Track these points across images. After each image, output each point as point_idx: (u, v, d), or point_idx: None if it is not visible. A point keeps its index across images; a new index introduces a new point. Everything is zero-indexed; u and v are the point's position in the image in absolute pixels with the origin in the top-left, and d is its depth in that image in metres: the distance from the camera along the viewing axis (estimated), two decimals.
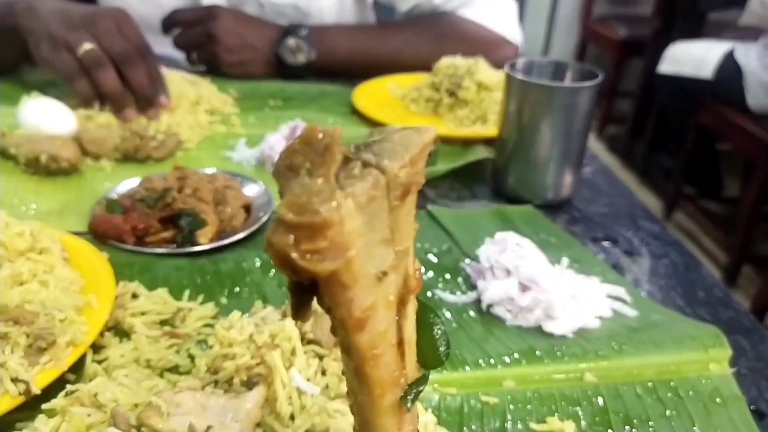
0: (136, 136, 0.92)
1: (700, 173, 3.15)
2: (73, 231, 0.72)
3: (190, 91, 1.08)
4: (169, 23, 1.29)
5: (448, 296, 0.70)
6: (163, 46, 1.33)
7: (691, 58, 2.80)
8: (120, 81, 0.99)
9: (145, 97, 1.01)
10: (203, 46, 1.28)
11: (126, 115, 0.99)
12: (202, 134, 1.04)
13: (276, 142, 0.97)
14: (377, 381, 0.29)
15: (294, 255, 0.23)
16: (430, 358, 0.31)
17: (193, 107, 1.07)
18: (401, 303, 0.29)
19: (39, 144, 0.86)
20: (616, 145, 3.92)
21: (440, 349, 0.31)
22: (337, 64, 1.34)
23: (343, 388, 0.52)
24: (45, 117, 0.91)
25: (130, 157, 0.92)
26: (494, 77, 1.16)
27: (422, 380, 0.31)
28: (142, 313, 0.62)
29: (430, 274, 0.74)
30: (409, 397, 0.30)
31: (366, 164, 0.26)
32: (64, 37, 0.99)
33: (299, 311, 0.28)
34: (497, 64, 1.20)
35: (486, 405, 0.55)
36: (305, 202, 0.24)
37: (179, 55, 1.35)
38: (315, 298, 0.28)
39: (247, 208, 0.81)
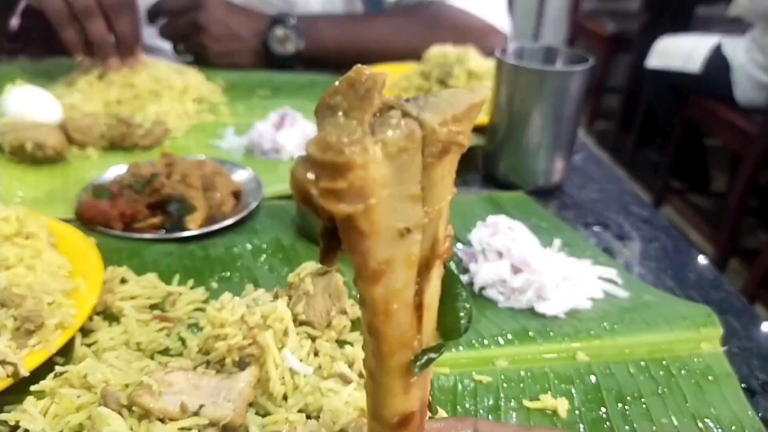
0: (122, 123, 0.90)
1: (687, 167, 3.18)
2: (60, 218, 0.71)
3: (177, 80, 1.07)
4: (155, 13, 1.28)
5: None
6: (149, 36, 1.32)
7: (679, 52, 2.81)
8: (108, 30, 1.02)
9: (129, 47, 1.03)
10: (190, 36, 1.27)
11: (112, 65, 1.03)
12: (189, 123, 1.03)
13: (265, 129, 0.96)
14: (387, 338, 0.28)
15: (313, 191, 0.23)
16: (449, 328, 0.30)
17: (181, 96, 1.06)
18: (426, 266, 0.28)
19: (24, 132, 0.84)
20: (604, 139, 3.94)
21: (461, 321, 0.30)
22: (325, 54, 1.33)
23: (336, 368, 0.52)
24: (30, 105, 0.90)
25: (116, 145, 0.91)
26: (484, 65, 1.16)
27: (437, 348, 0.30)
28: (132, 298, 0.61)
29: None
30: (419, 362, 0.29)
31: (405, 114, 0.26)
32: None
33: (326, 256, 0.28)
34: (486, 53, 1.20)
35: (479, 383, 0.55)
36: (333, 141, 0.23)
37: (165, 45, 1.34)
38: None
39: (237, 195, 0.80)
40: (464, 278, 0.70)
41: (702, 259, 0.80)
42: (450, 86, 1.15)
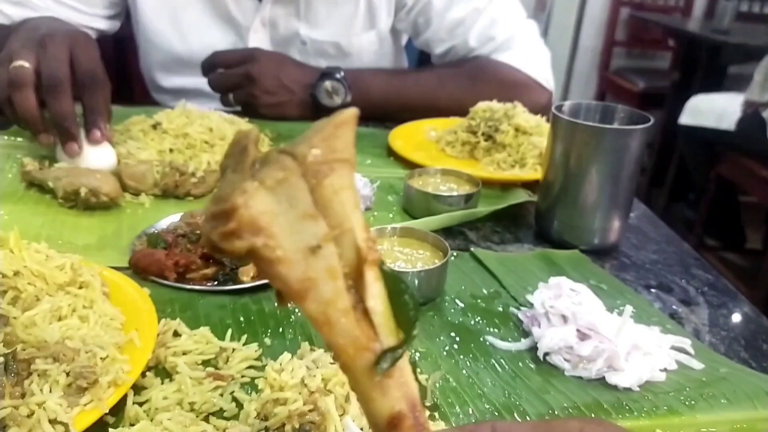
0: (175, 171, 0.91)
1: (721, 224, 3.10)
2: (113, 266, 0.70)
3: (228, 130, 1.08)
4: (209, 65, 1.30)
5: (500, 343, 0.67)
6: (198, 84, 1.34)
7: (713, 109, 2.80)
8: (38, 106, 0.91)
9: (62, 128, 0.90)
10: (241, 86, 1.29)
11: (41, 140, 0.92)
12: None
13: None
14: (340, 346, 0.31)
15: (214, 238, 0.28)
16: (402, 323, 0.32)
17: None
18: (358, 273, 0.31)
19: (78, 177, 0.85)
20: (636, 195, 3.88)
21: (410, 314, 0.32)
22: (371, 107, 1.34)
23: None
24: (85, 152, 0.91)
25: (169, 192, 0.91)
26: (532, 121, 1.15)
27: (398, 347, 0.32)
28: (184, 353, 0.59)
29: (479, 319, 0.71)
30: (382, 364, 0.31)
31: (281, 153, 0.30)
32: (9, 52, 0.93)
33: (278, 297, 0.32)
34: (531, 109, 1.19)
35: None
36: (221, 194, 0.28)
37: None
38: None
39: None
40: (526, 342, 0.66)
41: None
42: (498, 142, 1.14)
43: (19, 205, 0.87)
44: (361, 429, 0.49)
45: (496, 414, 0.56)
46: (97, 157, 0.91)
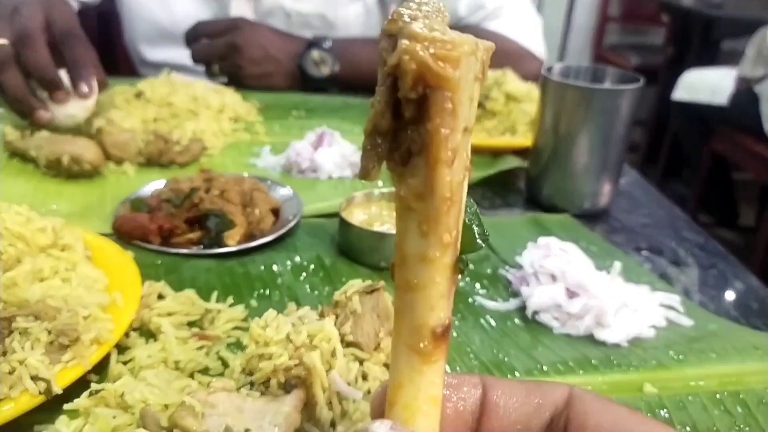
0: (160, 139, 0.89)
1: (715, 201, 3.11)
2: (97, 232, 0.69)
3: (213, 99, 1.06)
4: (193, 35, 1.28)
5: (489, 303, 0.66)
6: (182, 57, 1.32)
7: (706, 85, 2.79)
8: (25, 83, 0.88)
9: (42, 79, 0.88)
10: (226, 57, 1.27)
11: (37, 119, 0.89)
12: (225, 141, 1.02)
13: (302, 148, 0.94)
14: (444, 231, 0.27)
15: (428, 58, 0.24)
16: (467, 242, 0.30)
17: (217, 115, 1.05)
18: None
19: (61, 145, 0.83)
20: None
21: (476, 230, 0.30)
22: (360, 77, 1.32)
23: None
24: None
25: (153, 161, 0.90)
26: (522, 88, 1.14)
27: (464, 258, 0.29)
28: (169, 314, 0.58)
29: (467, 280, 0.70)
30: (462, 262, 0.29)
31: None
32: None
33: (369, 162, 0.27)
34: (523, 79, 1.18)
35: None
36: (434, 26, 0.25)
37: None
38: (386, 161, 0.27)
39: (276, 212, 0.77)
40: (515, 302, 0.66)
41: (764, 287, 0.75)
42: (488, 109, 1.12)
43: (2, 175, 0.85)
44: (348, 384, 0.49)
45: (485, 370, 0.56)
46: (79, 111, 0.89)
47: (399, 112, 0.26)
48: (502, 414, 0.30)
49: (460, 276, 0.29)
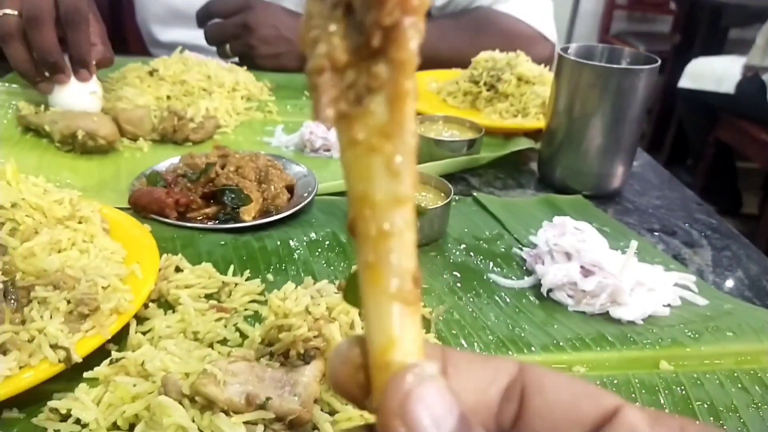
0: (173, 116, 0.89)
1: (718, 189, 3.09)
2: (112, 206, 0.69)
3: (227, 77, 1.06)
4: (204, 15, 1.27)
5: (503, 280, 0.66)
6: (195, 38, 1.32)
7: (712, 73, 2.77)
8: (30, 55, 0.88)
9: (46, 62, 0.87)
10: (238, 36, 1.26)
11: (40, 90, 0.89)
12: (239, 120, 1.02)
13: (316, 127, 0.94)
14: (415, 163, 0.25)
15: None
16: None
17: (230, 93, 1.05)
18: None
19: (75, 120, 0.83)
20: None
21: None
22: None
23: None
24: (72, 95, 0.89)
25: (167, 138, 0.90)
26: (535, 70, 1.13)
27: None
28: (187, 286, 0.58)
29: (481, 258, 0.70)
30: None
31: None
32: None
33: (328, 101, 0.24)
34: (534, 61, 1.17)
35: None
36: None
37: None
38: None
39: (290, 189, 0.77)
40: (529, 279, 0.66)
41: None
42: (500, 91, 1.12)
43: (15, 150, 0.85)
44: None
45: (501, 345, 0.56)
46: (82, 101, 0.89)
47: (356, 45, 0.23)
48: (464, 379, 0.28)
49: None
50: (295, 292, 0.51)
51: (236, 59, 1.30)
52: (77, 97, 0.89)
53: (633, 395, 0.51)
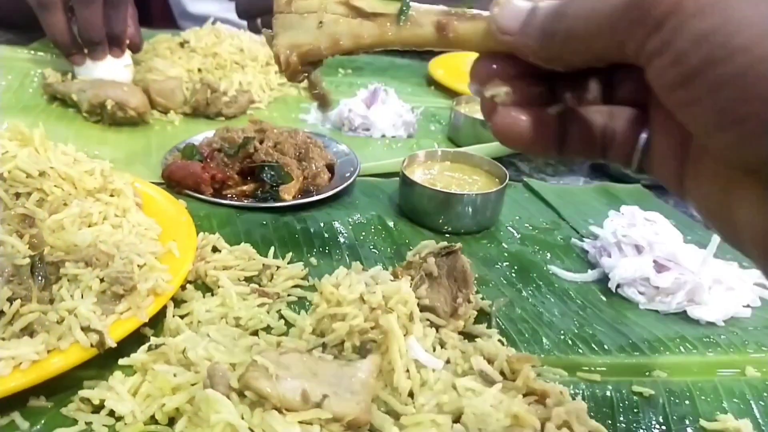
0: (206, 88, 0.84)
1: None
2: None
3: (260, 51, 1.01)
4: None
5: (564, 273, 0.61)
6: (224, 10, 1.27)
7: None
8: (68, 26, 0.85)
9: (88, 38, 0.85)
10: (271, 11, 1.21)
11: (74, 61, 0.86)
12: (272, 95, 0.97)
13: (355, 105, 0.89)
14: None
15: None
16: None
17: (264, 68, 1.00)
18: None
19: (105, 89, 0.79)
20: None
21: None
22: None
23: (474, 364, 0.43)
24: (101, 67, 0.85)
25: (199, 111, 0.85)
26: None
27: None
28: (225, 268, 0.54)
29: (537, 249, 0.65)
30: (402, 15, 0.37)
31: None
32: None
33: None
34: None
35: (640, 396, 0.46)
36: None
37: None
38: None
39: (330, 169, 0.72)
40: (594, 273, 0.61)
41: None
42: None
43: (41, 119, 0.81)
44: (426, 351, 0.44)
45: (571, 344, 0.50)
46: (113, 73, 0.85)
47: None
48: None
49: None
50: (348, 278, 0.46)
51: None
52: (109, 69, 0.85)
53: (722, 404, 0.46)
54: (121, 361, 0.42)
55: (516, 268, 0.61)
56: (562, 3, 0.30)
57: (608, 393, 0.46)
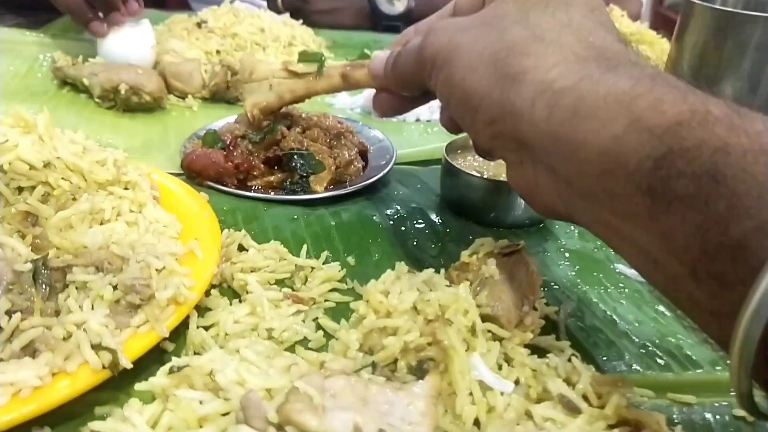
0: (227, 70, 0.78)
1: None
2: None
3: (282, 30, 0.94)
4: None
5: (635, 273, 0.54)
6: None
7: None
8: None
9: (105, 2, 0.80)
10: None
11: (93, 30, 0.81)
12: None
13: None
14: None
15: None
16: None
17: (286, 48, 0.93)
18: None
19: (118, 73, 0.73)
20: None
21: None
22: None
23: (552, 388, 0.37)
24: (127, 43, 0.79)
25: (219, 96, 0.79)
26: (632, 27, 0.99)
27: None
28: (253, 270, 0.47)
29: (600, 245, 0.58)
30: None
31: None
32: None
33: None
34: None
35: (743, 422, 0.39)
36: None
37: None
38: None
39: (363, 156, 0.66)
40: None
41: None
42: None
43: (50, 105, 0.75)
44: (491, 370, 0.38)
45: (654, 356, 0.43)
46: (137, 53, 0.79)
47: None
48: None
49: None
50: (398, 284, 0.40)
51: (287, 14, 1.19)
52: (132, 47, 0.79)
53: None
54: (138, 386, 0.36)
55: (578, 267, 0.54)
56: (396, 54, 0.48)
57: (707, 417, 0.39)
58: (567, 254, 0.56)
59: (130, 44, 0.78)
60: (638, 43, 0.96)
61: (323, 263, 0.50)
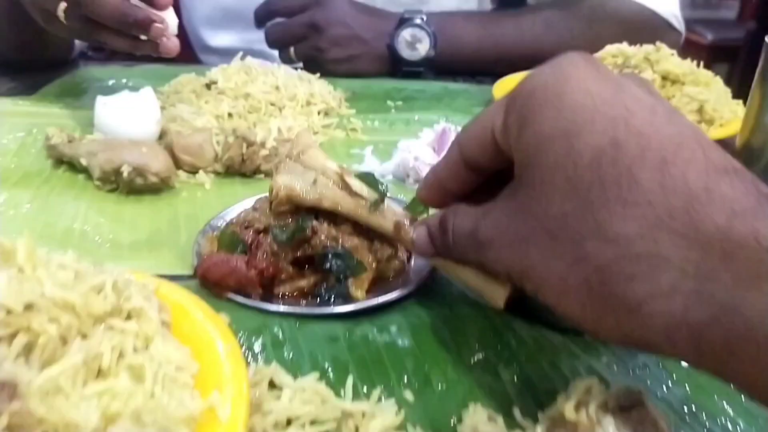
0: (241, 141, 0.69)
1: None
2: (170, 274, 0.49)
3: (299, 88, 0.86)
4: (265, 14, 1.08)
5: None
6: (252, 42, 1.13)
7: None
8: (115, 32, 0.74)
9: (128, 24, 0.73)
10: (305, 38, 1.07)
11: (161, 50, 0.75)
12: (317, 141, 0.81)
13: (420, 150, 0.73)
14: (350, 210, 0.51)
15: None
16: (373, 187, 0.51)
17: (304, 108, 0.85)
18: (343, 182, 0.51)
19: (119, 152, 0.64)
20: None
21: (377, 184, 0.52)
22: (462, 58, 1.11)
23: None
24: (125, 114, 0.71)
25: (234, 169, 0.70)
26: (684, 66, 0.90)
27: (381, 198, 0.50)
28: (290, 421, 0.38)
29: None
30: (374, 205, 0.50)
31: None
32: None
33: None
34: None
35: None
36: None
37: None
38: None
39: None
40: None
41: None
42: None
43: (45, 189, 0.67)
44: None
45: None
46: (138, 125, 0.71)
47: None
48: None
49: None
50: None
51: (300, 64, 1.11)
52: (134, 120, 0.71)
53: None
54: None
55: (686, 394, 0.44)
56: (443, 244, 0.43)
57: None
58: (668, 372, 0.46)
59: (132, 116, 0.69)
60: (693, 84, 0.87)
61: (375, 402, 0.40)
